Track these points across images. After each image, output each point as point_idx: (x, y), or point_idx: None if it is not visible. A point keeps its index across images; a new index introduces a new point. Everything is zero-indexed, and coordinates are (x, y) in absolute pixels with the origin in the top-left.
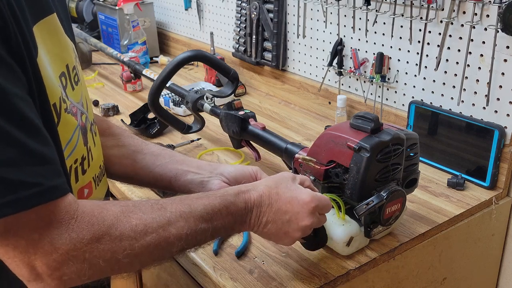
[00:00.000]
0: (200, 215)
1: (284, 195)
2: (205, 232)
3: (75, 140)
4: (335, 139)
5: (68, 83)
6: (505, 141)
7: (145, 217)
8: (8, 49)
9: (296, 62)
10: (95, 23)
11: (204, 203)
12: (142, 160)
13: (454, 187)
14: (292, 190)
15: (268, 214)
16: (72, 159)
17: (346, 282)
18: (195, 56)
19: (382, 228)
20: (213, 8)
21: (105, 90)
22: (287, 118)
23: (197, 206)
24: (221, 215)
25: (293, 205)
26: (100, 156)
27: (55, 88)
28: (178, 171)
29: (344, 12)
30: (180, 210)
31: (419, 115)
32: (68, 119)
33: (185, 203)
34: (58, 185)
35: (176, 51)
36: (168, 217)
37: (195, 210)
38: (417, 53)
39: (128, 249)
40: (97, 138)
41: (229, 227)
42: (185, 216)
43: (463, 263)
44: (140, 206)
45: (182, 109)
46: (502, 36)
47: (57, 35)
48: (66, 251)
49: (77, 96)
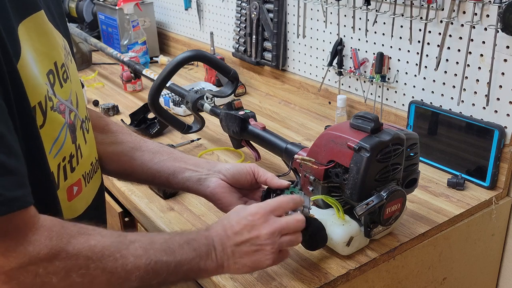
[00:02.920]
0: (161, 248)
1: (234, 220)
2: (167, 266)
3: (62, 138)
4: (335, 139)
5: (57, 80)
6: (505, 141)
7: (104, 240)
8: None
9: (296, 62)
10: (95, 23)
11: (165, 237)
12: (140, 157)
13: (454, 187)
14: (239, 212)
15: (230, 243)
16: (60, 157)
17: (346, 282)
18: (195, 56)
19: (382, 228)
20: (213, 8)
21: (105, 90)
22: (287, 118)
23: (158, 239)
24: (183, 249)
25: (244, 223)
26: (91, 153)
27: (40, 87)
28: (176, 168)
29: (344, 12)
30: (140, 240)
31: (419, 115)
32: (55, 117)
33: (146, 236)
34: (19, 196)
35: (176, 51)
36: (127, 244)
37: (155, 242)
38: (417, 53)
39: (83, 268)
40: (89, 136)
41: (194, 263)
42: (145, 246)
43: (463, 263)
44: (100, 230)
45: (182, 109)
46: (502, 36)
47: (45, 33)
48: (20, 264)
49: (66, 94)
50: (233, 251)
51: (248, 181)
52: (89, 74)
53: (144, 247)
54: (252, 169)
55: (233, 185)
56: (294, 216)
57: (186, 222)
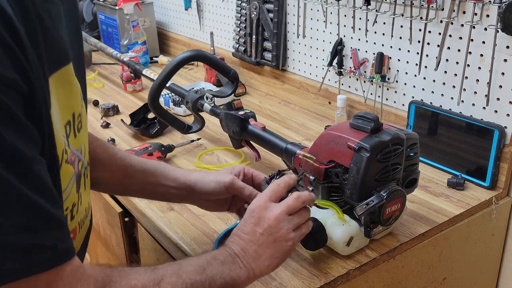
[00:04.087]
0: (191, 270)
1: (241, 225)
2: (202, 284)
3: (69, 189)
4: (335, 139)
5: (72, 131)
6: (505, 141)
7: (141, 277)
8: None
9: (296, 62)
10: (95, 23)
11: (193, 259)
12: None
13: (454, 187)
14: (254, 216)
15: (249, 245)
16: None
17: (346, 282)
18: (195, 56)
19: (382, 228)
20: (213, 8)
21: (105, 90)
22: (287, 118)
23: (187, 263)
24: (212, 265)
25: (251, 221)
26: (87, 198)
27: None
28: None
29: (344, 12)
30: (172, 268)
31: (419, 115)
32: (67, 169)
33: (175, 263)
34: (69, 247)
35: (176, 51)
36: (161, 274)
37: (186, 265)
38: (417, 53)
39: None
40: (88, 180)
41: (226, 275)
42: (177, 272)
43: (463, 263)
44: (135, 270)
45: (182, 109)
46: (502, 36)
47: (70, 85)
48: None
49: (78, 143)
50: (255, 251)
51: (226, 196)
52: (89, 74)
53: (176, 273)
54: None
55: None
56: (293, 195)
57: (186, 222)
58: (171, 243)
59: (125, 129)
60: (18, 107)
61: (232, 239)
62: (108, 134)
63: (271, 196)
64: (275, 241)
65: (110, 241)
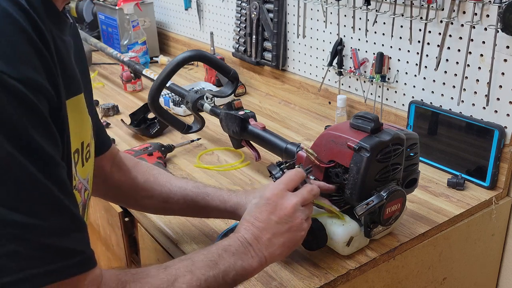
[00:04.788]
0: (204, 265)
1: (256, 211)
2: (216, 279)
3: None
4: (335, 139)
5: (79, 159)
6: (505, 141)
7: (154, 280)
8: (52, 118)
9: (296, 62)
10: (95, 23)
11: (204, 253)
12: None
13: (454, 187)
14: (257, 203)
15: (263, 233)
16: None
17: (346, 282)
18: (195, 56)
19: (382, 228)
20: (213, 8)
21: (105, 90)
22: (287, 118)
23: (198, 258)
24: (223, 258)
25: (267, 209)
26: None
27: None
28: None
29: (344, 12)
30: (184, 265)
31: (419, 115)
32: (76, 196)
33: (185, 258)
34: (93, 252)
35: (176, 51)
36: (174, 274)
37: (197, 261)
38: (417, 53)
39: None
40: (88, 207)
41: (238, 266)
42: (189, 269)
43: (463, 263)
44: (147, 271)
45: (182, 109)
46: (502, 36)
47: (81, 114)
48: None
49: (85, 173)
50: (269, 239)
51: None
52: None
53: (190, 270)
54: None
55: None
56: (306, 187)
57: (186, 222)
58: (171, 243)
59: (125, 129)
60: (47, 112)
61: (244, 225)
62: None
63: (288, 185)
64: (289, 230)
65: (110, 241)
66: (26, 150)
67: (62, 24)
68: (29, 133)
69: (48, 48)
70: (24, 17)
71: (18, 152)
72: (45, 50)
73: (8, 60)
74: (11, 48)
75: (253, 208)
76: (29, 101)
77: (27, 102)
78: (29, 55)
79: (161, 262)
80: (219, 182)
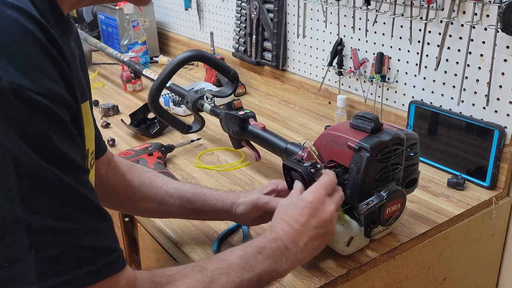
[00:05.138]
0: (239, 267)
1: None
2: (250, 282)
3: None
4: (335, 139)
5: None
6: (505, 141)
7: (189, 281)
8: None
9: (296, 62)
10: (95, 23)
11: (239, 254)
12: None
13: (454, 187)
14: (296, 203)
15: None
16: None
17: (346, 282)
18: (195, 56)
19: (382, 228)
20: (213, 8)
21: (105, 90)
22: (287, 118)
23: (234, 259)
24: (258, 261)
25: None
26: None
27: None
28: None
29: (344, 12)
30: (220, 267)
31: (419, 115)
32: None
33: (221, 259)
34: (122, 250)
35: (176, 51)
36: (210, 276)
37: (233, 263)
38: (417, 53)
39: None
40: None
41: (272, 270)
42: (225, 271)
43: (463, 263)
44: (183, 272)
45: (182, 109)
46: (502, 36)
47: (88, 120)
48: None
49: (91, 180)
50: (305, 243)
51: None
52: (89, 74)
53: (225, 272)
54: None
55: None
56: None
57: (186, 222)
58: (171, 243)
59: (125, 129)
60: (68, 121)
61: (282, 226)
62: (108, 134)
63: (328, 190)
64: (324, 234)
65: None
66: (56, 160)
67: (68, 30)
68: (57, 144)
69: (62, 56)
70: (37, 28)
71: (49, 163)
72: (60, 59)
73: (29, 74)
74: (29, 61)
75: (291, 209)
76: (53, 113)
77: (52, 114)
78: (47, 67)
79: (161, 262)
80: (219, 182)
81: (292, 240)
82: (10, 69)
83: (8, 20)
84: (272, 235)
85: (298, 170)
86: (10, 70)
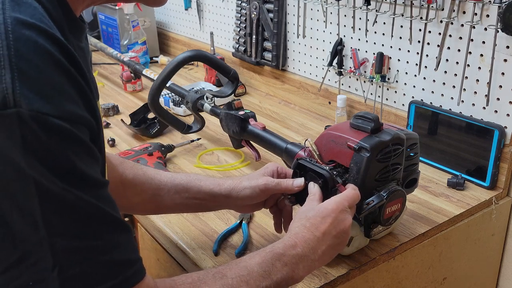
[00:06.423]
0: (258, 275)
1: (316, 220)
2: None
3: None
4: (335, 139)
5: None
6: (505, 141)
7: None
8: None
9: (296, 62)
10: (95, 23)
11: (258, 262)
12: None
13: (454, 187)
14: (318, 210)
15: (320, 244)
16: None
17: (346, 282)
18: (195, 56)
19: (382, 228)
20: (213, 8)
21: (105, 90)
22: (287, 118)
23: (253, 267)
24: (276, 268)
25: (329, 221)
26: None
27: None
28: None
29: (344, 12)
30: (240, 274)
31: (419, 115)
32: None
33: (241, 266)
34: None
35: (176, 51)
36: (230, 284)
37: (252, 271)
38: (417, 53)
39: None
40: None
41: (289, 277)
42: (245, 279)
43: (463, 263)
44: (204, 279)
45: (182, 109)
46: (502, 36)
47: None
48: None
49: None
50: (323, 251)
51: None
52: None
53: (245, 280)
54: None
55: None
56: (355, 208)
57: (186, 222)
58: (171, 243)
59: (125, 129)
60: (88, 139)
61: (303, 234)
62: (108, 134)
63: (350, 202)
64: (340, 244)
65: None
66: (77, 181)
67: (79, 31)
68: (77, 165)
69: (81, 72)
70: (54, 46)
71: (70, 185)
72: (78, 77)
73: (48, 98)
74: (48, 84)
75: (314, 215)
76: (72, 135)
77: (71, 136)
78: (66, 88)
79: (161, 262)
80: None
81: (311, 248)
82: (29, 95)
83: (25, 41)
84: (291, 241)
85: (321, 173)
86: (29, 96)
